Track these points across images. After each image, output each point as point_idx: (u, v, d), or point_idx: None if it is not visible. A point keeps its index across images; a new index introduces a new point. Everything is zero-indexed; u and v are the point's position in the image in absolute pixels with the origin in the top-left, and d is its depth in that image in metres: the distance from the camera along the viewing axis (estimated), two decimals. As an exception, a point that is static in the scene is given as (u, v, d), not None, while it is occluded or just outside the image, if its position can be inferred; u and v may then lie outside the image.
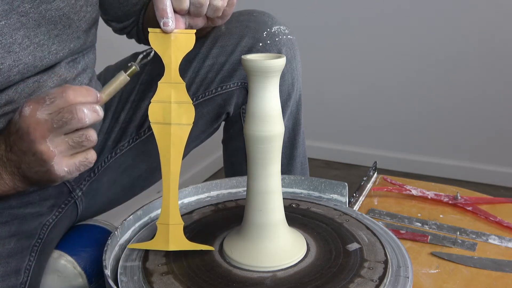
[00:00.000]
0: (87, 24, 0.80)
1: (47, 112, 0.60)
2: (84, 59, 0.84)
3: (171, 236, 0.68)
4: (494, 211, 0.92)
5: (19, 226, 0.79)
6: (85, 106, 0.61)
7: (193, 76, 0.90)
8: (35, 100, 0.61)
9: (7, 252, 0.76)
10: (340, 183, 0.87)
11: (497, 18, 1.87)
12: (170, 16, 0.67)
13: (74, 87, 0.62)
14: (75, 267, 0.84)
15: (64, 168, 0.62)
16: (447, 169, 2.07)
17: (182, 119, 0.67)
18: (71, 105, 0.60)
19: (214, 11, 0.73)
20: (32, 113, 0.60)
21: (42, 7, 0.72)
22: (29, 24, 0.71)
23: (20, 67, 0.71)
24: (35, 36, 0.72)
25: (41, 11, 0.72)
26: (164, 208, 0.68)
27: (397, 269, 0.67)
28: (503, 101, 1.94)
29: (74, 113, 0.60)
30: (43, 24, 0.73)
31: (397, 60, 2.06)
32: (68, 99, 0.60)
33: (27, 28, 0.71)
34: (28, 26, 0.71)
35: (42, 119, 0.60)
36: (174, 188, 0.68)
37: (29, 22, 0.71)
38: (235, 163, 1.00)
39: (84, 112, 0.60)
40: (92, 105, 0.62)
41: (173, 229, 0.68)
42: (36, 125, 0.60)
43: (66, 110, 0.60)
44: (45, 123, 0.60)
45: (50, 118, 0.60)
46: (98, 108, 0.62)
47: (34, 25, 0.72)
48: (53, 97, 0.60)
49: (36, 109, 0.60)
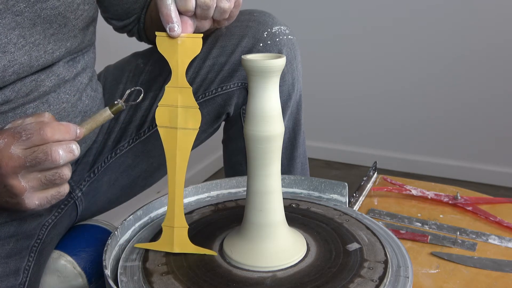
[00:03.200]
0: (84, 23, 0.80)
1: (21, 148, 0.59)
2: (84, 58, 0.84)
3: (176, 238, 0.68)
4: (494, 211, 0.92)
5: (18, 226, 0.79)
6: (61, 146, 0.60)
7: (193, 76, 0.90)
8: (10, 133, 0.59)
9: (6, 252, 0.76)
10: (340, 183, 0.87)
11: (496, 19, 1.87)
12: (175, 21, 0.66)
13: (53, 124, 0.60)
14: (75, 267, 0.84)
15: (35, 202, 0.62)
16: (447, 169, 2.07)
17: (188, 124, 0.67)
18: (47, 145, 0.59)
19: (221, 13, 0.72)
20: (6, 147, 0.59)
21: (37, 6, 0.71)
22: (24, 24, 0.71)
23: (16, 67, 0.71)
24: (31, 36, 0.72)
25: (36, 10, 0.71)
26: (170, 210, 0.69)
27: (397, 269, 0.67)
28: (503, 101, 1.94)
29: (48, 154, 0.59)
30: (38, 23, 0.72)
31: (397, 60, 2.06)
32: (44, 137, 0.59)
33: (22, 27, 0.71)
34: (23, 25, 0.71)
35: (15, 154, 0.58)
36: (179, 191, 0.68)
37: (24, 21, 0.71)
38: (235, 163, 1.00)
39: (59, 153, 0.59)
40: (68, 144, 0.60)
41: (178, 232, 0.69)
42: (9, 160, 0.59)
43: (41, 150, 0.59)
44: (18, 159, 0.59)
45: (24, 155, 0.59)
46: (74, 148, 0.61)
47: (29, 24, 0.71)
48: (30, 133, 0.59)
49: (11, 143, 0.59)
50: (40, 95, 0.76)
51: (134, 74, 0.96)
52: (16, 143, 0.59)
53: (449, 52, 1.97)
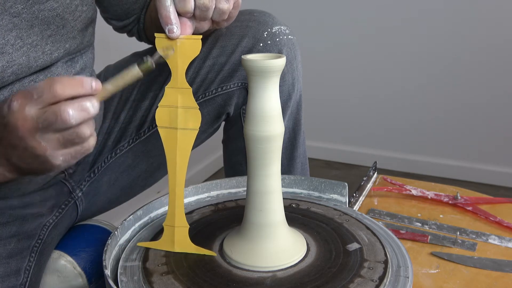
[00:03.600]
0: (83, 24, 0.80)
1: (34, 108, 0.57)
2: (82, 58, 0.84)
3: (177, 238, 0.69)
4: (494, 211, 0.92)
5: (20, 226, 0.79)
6: (71, 105, 0.56)
7: (193, 76, 0.90)
8: (23, 94, 0.57)
9: (7, 252, 0.76)
10: (340, 183, 0.87)
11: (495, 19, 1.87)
12: (174, 23, 0.66)
13: (63, 79, 0.57)
14: (75, 267, 0.84)
15: (59, 158, 0.59)
16: (447, 169, 2.07)
17: (189, 124, 0.67)
18: (57, 104, 0.56)
19: (220, 14, 0.72)
20: (21, 108, 0.56)
21: (35, 7, 0.71)
22: (21, 25, 0.70)
23: (14, 68, 0.71)
24: (28, 37, 0.72)
25: (33, 11, 0.71)
26: (170, 210, 0.69)
27: (397, 269, 0.67)
28: (503, 101, 1.94)
29: (57, 114, 0.56)
30: (36, 25, 0.72)
31: (397, 60, 2.06)
32: (55, 94, 0.56)
33: (19, 29, 0.70)
34: (20, 27, 0.70)
35: (29, 116, 0.56)
36: (180, 191, 0.68)
37: (22, 23, 0.70)
38: (235, 163, 1.00)
39: (68, 113, 0.56)
40: (81, 102, 0.57)
41: (179, 232, 0.69)
42: (24, 122, 0.56)
43: (51, 111, 0.56)
44: (31, 121, 0.56)
45: (36, 116, 0.56)
46: (88, 105, 0.57)
47: (26, 26, 0.71)
48: (41, 91, 0.56)
49: (25, 104, 0.56)
50: None
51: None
52: (29, 103, 0.56)
53: (449, 52, 1.97)
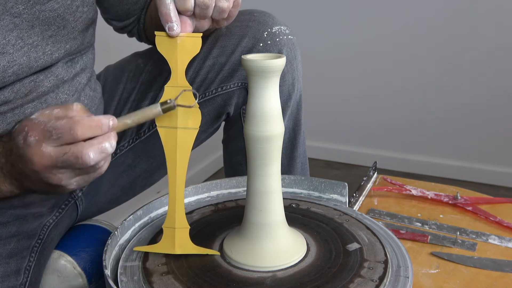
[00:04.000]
0: (83, 25, 0.80)
1: (52, 146, 0.58)
2: (82, 59, 0.84)
3: (177, 239, 0.68)
4: (494, 211, 0.92)
5: (20, 226, 0.79)
6: (92, 148, 0.58)
7: (193, 76, 0.90)
8: (41, 131, 0.58)
9: (7, 252, 0.76)
10: (340, 183, 0.87)
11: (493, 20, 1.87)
12: (174, 20, 0.66)
13: (83, 122, 0.58)
14: (75, 267, 0.84)
15: (73, 184, 0.62)
16: (447, 169, 2.07)
17: (188, 123, 0.67)
18: (77, 147, 0.58)
19: (220, 13, 0.72)
20: (38, 145, 0.58)
21: (36, 8, 0.71)
22: (22, 25, 0.71)
23: (15, 68, 0.71)
24: (29, 37, 0.72)
25: (34, 12, 0.71)
26: (170, 211, 0.68)
27: (397, 269, 0.67)
28: (503, 102, 1.94)
29: (79, 157, 0.58)
30: (36, 25, 0.72)
31: (397, 61, 2.06)
32: (75, 137, 0.58)
33: (20, 29, 0.70)
34: (21, 27, 0.70)
35: (47, 153, 0.58)
36: (180, 191, 0.68)
37: (22, 23, 0.70)
38: (235, 163, 1.00)
39: (89, 156, 0.58)
40: (100, 144, 0.59)
41: (179, 233, 0.68)
42: (41, 158, 0.58)
43: (71, 153, 0.58)
44: (49, 158, 0.58)
45: (55, 155, 0.58)
46: (107, 146, 0.59)
47: (27, 26, 0.71)
48: (61, 132, 0.58)
49: (42, 141, 0.58)
50: (38, 95, 0.76)
51: (134, 74, 0.96)
52: (47, 141, 0.58)
53: (449, 52, 1.97)
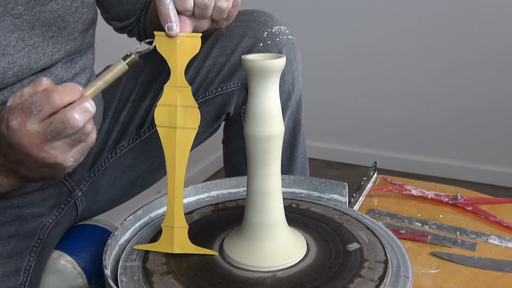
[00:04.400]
0: (83, 26, 0.80)
1: (36, 122, 0.57)
2: (82, 59, 0.84)
3: (176, 239, 0.68)
4: (494, 211, 0.92)
5: (19, 226, 0.79)
6: (75, 110, 0.57)
7: (193, 76, 0.90)
8: (20, 110, 0.57)
9: (7, 252, 0.76)
10: (340, 183, 0.87)
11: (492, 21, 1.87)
12: (174, 20, 0.66)
13: (57, 88, 0.58)
14: (75, 267, 0.84)
15: (70, 160, 0.61)
16: (447, 169, 2.07)
17: (188, 123, 0.67)
18: (61, 113, 0.57)
19: (219, 13, 0.72)
20: (22, 126, 0.57)
21: (36, 9, 0.71)
22: (23, 27, 0.71)
23: (15, 70, 0.71)
24: (30, 38, 0.72)
25: (35, 13, 0.71)
26: (169, 210, 0.68)
27: (397, 269, 0.67)
28: (503, 102, 1.94)
29: (65, 122, 0.57)
30: (37, 26, 0.72)
31: (397, 61, 2.06)
32: (55, 104, 0.57)
33: (21, 30, 0.71)
34: (22, 28, 0.71)
35: (34, 131, 0.57)
36: (179, 191, 0.68)
37: (23, 24, 0.71)
38: (235, 163, 1.00)
39: (75, 118, 0.57)
40: (81, 105, 0.58)
41: (178, 232, 0.68)
42: (29, 138, 0.57)
43: (57, 120, 0.57)
44: (38, 135, 0.57)
45: (42, 129, 0.57)
46: (88, 106, 0.59)
47: (28, 27, 0.71)
48: (40, 105, 0.57)
49: (25, 120, 0.57)
50: None
51: (134, 74, 0.96)
52: (29, 119, 0.57)
53: (449, 52, 1.97)
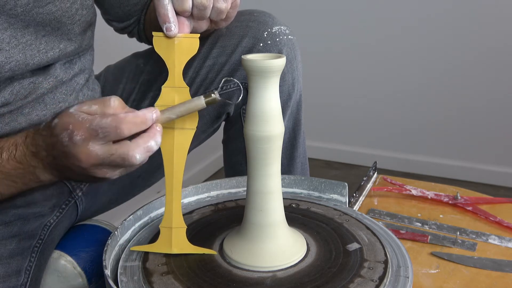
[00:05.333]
0: (82, 27, 0.80)
1: (99, 145, 0.59)
2: (81, 60, 0.84)
3: (174, 239, 0.68)
4: (494, 211, 0.92)
5: (21, 226, 0.79)
6: (138, 149, 0.59)
7: (193, 76, 0.90)
8: (88, 131, 0.58)
9: (8, 252, 0.77)
10: (340, 183, 0.87)
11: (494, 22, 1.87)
12: (172, 21, 0.66)
13: (127, 118, 0.59)
14: (75, 267, 0.84)
15: (117, 174, 0.63)
16: (447, 169, 2.07)
17: (186, 124, 0.67)
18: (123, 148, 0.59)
19: (218, 14, 0.72)
20: (84, 144, 0.59)
21: (34, 11, 0.72)
22: (16, 25, 0.71)
23: (12, 65, 0.71)
24: (22, 36, 0.72)
25: (32, 14, 0.72)
26: (167, 211, 0.68)
27: (397, 269, 0.67)
28: (503, 101, 1.94)
29: (126, 159, 0.59)
30: (31, 26, 0.73)
31: (398, 61, 2.06)
32: (122, 135, 0.59)
33: (14, 28, 0.71)
34: (15, 26, 0.71)
35: (94, 152, 0.59)
36: (177, 191, 0.68)
37: (17, 23, 0.71)
38: (235, 163, 1.00)
39: (136, 158, 0.59)
40: (146, 144, 0.60)
41: (176, 233, 0.68)
42: (88, 157, 0.59)
43: (118, 154, 0.59)
44: (96, 158, 0.59)
45: (102, 155, 0.59)
46: (153, 145, 0.60)
47: (21, 26, 0.72)
48: (107, 131, 0.58)
49: (88, 140, 0.59)
50: (37, 96, 0.76)
51: (135, 74, 0.96)
52: (93, 140, 0.59)
53: (449, 52, 1.97)
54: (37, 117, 0.77)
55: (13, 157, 0.64)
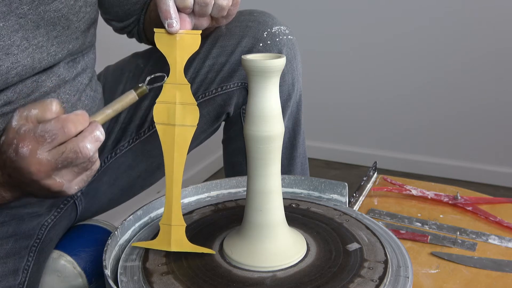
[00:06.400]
0: (86, 25, 0.80)
1: (47, 151, 0.57)
2: (84, 59, 0.84)
3: (173, 237, 0.68)
4: (494, 211, 0.92)
5: (17, 226, 0.79)
6: (87, 139, 0.58)
7: (193, 76, 0.90)
8: (32, 138, 0.57)
9: (5, 252, 0.76)
10: (340, 183, 0.87)
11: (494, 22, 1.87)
12: (174, 17, 0.66)
13: (70, 117, 0.58)
14: (75, 267, 0.84)
15: (74, 188, 0.62)
16: (447, 169, 2.07)
17: (186, 121, 0.67)
18: (73, 143, 0.58)
19: (219, 11, 0.72)
20: (32, 154, 0.57)
21: (41, 8, 0.71)
22: (27, 26, 0.71)
23: (19, 69, 0.71)
24: (34, 38, 0.72)
25: (39, 12, 0.71)
26: (167, 208, 0.68)
27: (397, 269, 0.67)
28: (503, 102, 1.94)
29: (78, 152, 0.58)
30: (42, 26, 0.72)
31: (398, 61, 2.06)
32: (69, 134, 0.58)
33: (25, 30, 0.71)
34: (26, 27, 0.71)
35: (44, 159, 0.57)
36: (177, 189, 0.68)
37: (28, 23, 0.71)
38: (235, 163, 1.00)
39: (87, 148, 0.58)
40: (93, 134, 0.59)
41: (175, 230, 0.68)
42: (39, 166, 0.57)
43: (69, 150, 0.57)
44: (48, 163, 0.57)
45: (53, 158, 0.57)
46: (99, 134, 0.60)
47: (32, 26, 0.71)
48: (54, 134, 0.57)
49: (36, 148, 0.57)
50: (40, 95, 0.76)
51: (134, 74, 0.96)
52: (41, 147, 0.57)
53: (448, 53, 1.97)
54: None
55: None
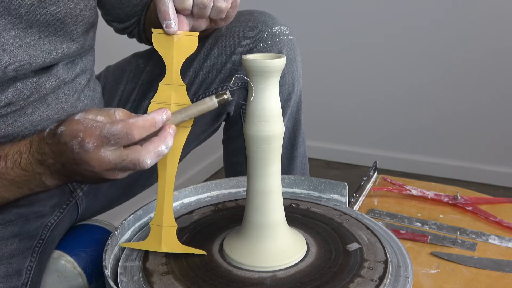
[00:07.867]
0: (84, 28, 0.80)
1: (110, 151, 0.59)
2: (82, 61, 0.84)
3: (164, 237, 0.68)
4: (494, 211, 0.92)
5: (23, 226, 0.79)
6: (150, 154, 0.60)
7: (194, 76, 0.90)
8: (99, 138, 0.59)
9: (9, 252, 0.77)
10: (340, 183, 0.87)
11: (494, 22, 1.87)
12: (172, 18, 0.67)
13: (138, 123, 0.59)
14: (75, 267, 0.84)
15: (126, 174, 0.63)
16: (447, 169, 2.07)
17: None
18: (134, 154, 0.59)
19: (218, 13, 0.72)
20: (96, 151, 0.59)
21: (38, 11, 0.72)
22: (20, 25, 0.71)
23: (16, 65, 0.71)
24: (26, 37, 0.72)
25: (36, 15, 0.72)
26: (158, 209, 0.68)
27: (397, 269, 0.67)
28: (503, 102, 1.94)
29: (137, 164, 0.59)
30: (34, 26, 0.73)
31: (397, 61, 2.06)
32: (133, 139, 0.59)
33: (18, 29, 0.71)
34: (19, 27, 0.71)
35: (106, 158, 0.59)
36: (169, 189, 0.67)
37: (21, 23, 0.71)
38: (235, 163, 1.00)
39: (147, 163, 0.60)
40: (157, 149, 0.60)
41: (166, 231, 0.68)
42: (100, 163, 0.59)
43: (129, 160, 0.59)
44: (108, 163, 0.59)
45: (114, 160, 0.59)
46: (163, 149, 0.61)
47: (25, 26, 0.72)
48: (118, 138, 0.59)
49: (100, 147, 0.59)
50: (40, 96, 0.77)
51: (135, 74, 0.96)
52: (105, 146, 0.59)
53: (448, 52, 1.97)
54: (40, 118, 0.77)
55: (18, 165, 0.64)
